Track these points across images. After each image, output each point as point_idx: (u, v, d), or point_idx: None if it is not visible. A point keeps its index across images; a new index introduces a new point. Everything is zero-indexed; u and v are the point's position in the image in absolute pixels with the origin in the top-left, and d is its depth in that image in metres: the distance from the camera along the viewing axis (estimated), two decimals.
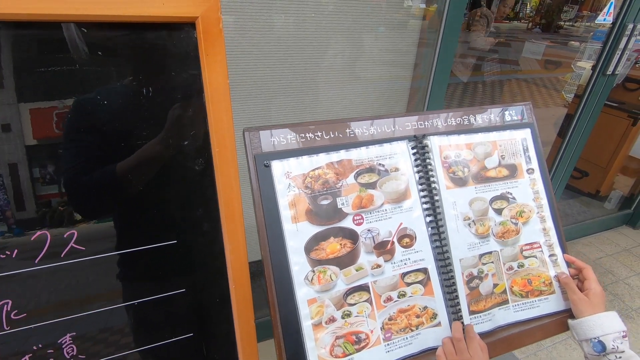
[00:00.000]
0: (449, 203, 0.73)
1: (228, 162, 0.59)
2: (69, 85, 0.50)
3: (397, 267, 0.69)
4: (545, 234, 0.79)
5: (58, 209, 0.54)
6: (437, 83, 1.61)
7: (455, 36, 1.50)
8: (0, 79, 0.47)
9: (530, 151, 0.82)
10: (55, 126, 0.51)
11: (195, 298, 0.65)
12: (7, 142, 0.49)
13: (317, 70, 1.50)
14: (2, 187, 0.51)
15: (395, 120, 0.74)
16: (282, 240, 0.64)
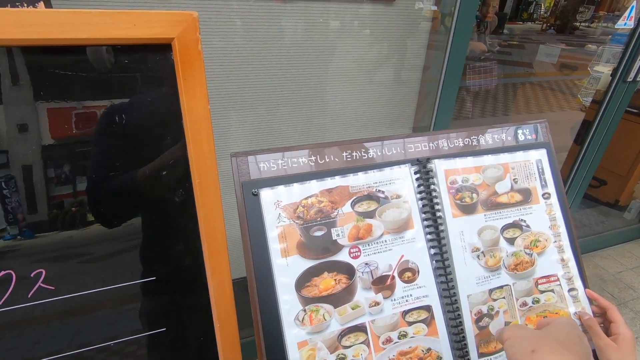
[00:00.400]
0: (455, 233, 0.67)
1: (210, 193, 0.54)
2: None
3: (398, 305, 0.63)
4: (563, 265, 0.72)
5: (71, 210, 0.51)
6: (448, 86, 1.55)
7: (466, 38, 1.43)
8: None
9: (547, 174, 0.75)
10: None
11: (177, 337, 0.60)
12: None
13: (323, 75, 1.45)
14: (15, 189, 0.48)
15: (396, 142, 0.68)
16: (270, 277, 0.59)
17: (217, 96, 1.33)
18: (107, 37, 0.44)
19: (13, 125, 0.45)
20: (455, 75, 1.55)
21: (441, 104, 1.59)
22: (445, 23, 1.50)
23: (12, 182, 0.48)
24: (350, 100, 1.55)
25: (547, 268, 0.71)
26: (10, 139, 0.45)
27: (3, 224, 0.49)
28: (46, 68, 0.45)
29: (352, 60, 1.46)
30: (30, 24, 0.41)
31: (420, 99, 1.69)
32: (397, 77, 1.60)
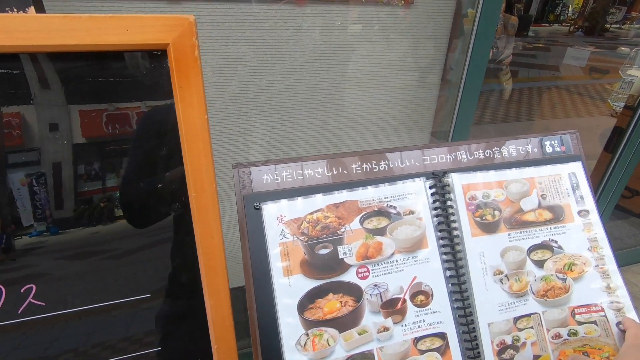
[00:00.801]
0: (475, 254, 0.61)
1: (207, 208, 0.50)
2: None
3: (409, 331, 0.58)
4: (609, 293, 0.64)
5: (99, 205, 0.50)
6: (468, 90, 1.48)
7: (489, 40, 1.37)
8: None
9: (583, 189, 0.68)
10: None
11: (173, 357, 0.57)
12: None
13: (339, 80, 1.42)
14: (44, 185, 0.47)
15: (410, 154, 0.63)
16: (271, 297, 0.55)
17: (230, 101, 1.31)
18: (99, 43, 0.41)
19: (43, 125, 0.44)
20: (477, 79, 1.48)
21: (461, 109, 1.52)
22: (466, 25, 1.44)
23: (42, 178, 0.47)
24: (367, 105, 1.50)
25: (586, 296, 0.63)
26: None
27: (31, 220, 0.48)
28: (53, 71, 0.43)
29: (369, 63, 1.42)
30: (17, 30, 0.38)
31: (440, 103, 1.63)
32: (416, 81, 1.54)
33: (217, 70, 1.25)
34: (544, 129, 4.23)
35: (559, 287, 0.63)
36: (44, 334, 0.51)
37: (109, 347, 0.55)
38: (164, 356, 0.57)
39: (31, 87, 0.43)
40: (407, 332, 0.58)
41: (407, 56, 1.46)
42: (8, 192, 0.46)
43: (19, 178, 0.46)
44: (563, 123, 4.24)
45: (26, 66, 0.42)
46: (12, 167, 0.45)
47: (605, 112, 4.19)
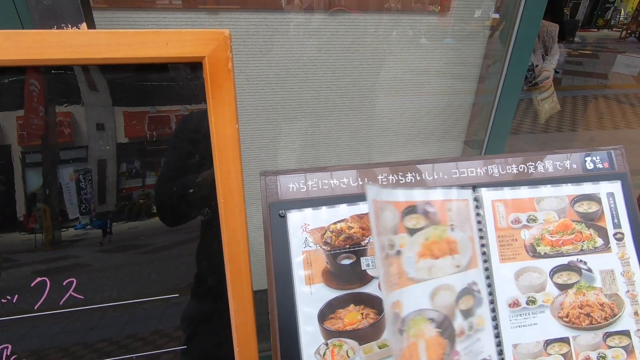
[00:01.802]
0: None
1: (235, 215, 0.52)
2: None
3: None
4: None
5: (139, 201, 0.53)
6: (505, 98, 1.43)
7: (529, 47, 1.32)
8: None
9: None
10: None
11: (197, 357, 0.59)
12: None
13: (370, 87, 1.42)
14: (89, 181, 0.51)
15: (440, 166, 0.62)
16: (293, 304, 0.55)
17: (262, 108, 1.34)
18: (141, 56, 0.44)
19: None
20: (515, 87, 1.42)
21: (497, 117, 1.47)
22: (505, 31, 1.39)
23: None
24: (398, 112, 1.49)
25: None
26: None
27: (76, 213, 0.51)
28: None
29: (401, 70, 1.41)
30: (70, 45, 0.42)
31: (475, 111, 1.58)
32: (450, 88, 1.51)
33: (250, 78, 1.29)
34: (588, 140, 3.98)
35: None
36: (82, 322, 0.55)
37: (139, 339, 0.58)
38: (189, 354, 0.59)
39: (81, 90, 0.47)
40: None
41: (442, 63, 1.44)
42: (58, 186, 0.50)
43: (68, 173, 0.50)
44: (610, 134, 3.98)
45: (78, 73, 0.46)
46: (62, 163, 0.49)
47: None
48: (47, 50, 0.41)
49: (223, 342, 0.58)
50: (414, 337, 0.46)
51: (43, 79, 0.44)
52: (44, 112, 0.46)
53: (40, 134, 0.47)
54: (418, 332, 0.47)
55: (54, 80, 0.45)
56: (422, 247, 0.50)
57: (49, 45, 0.41)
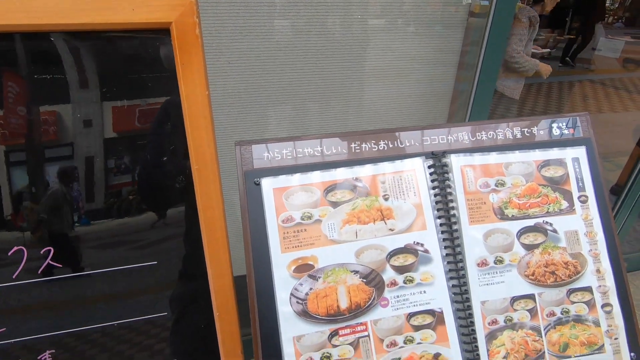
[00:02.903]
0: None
1: (209, 181, 0.53)
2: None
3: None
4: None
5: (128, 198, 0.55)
6: (483, 85, 1.45)
7: (504, 33, 1.33)
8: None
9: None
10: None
11: (178, 322, 0.61)
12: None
13: (352, 70, 1.42)
14: (77, 179, 0.52)
15: (409, 134, 0.64)
16: (269, 268, 0.57)
17: (245, 92, 1.34)
18: (107, 21, 0.45)
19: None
20: (492, 73, 1.45)
21: (476, 101, 1.49)
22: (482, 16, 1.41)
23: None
24: (380, 95, 1.50)
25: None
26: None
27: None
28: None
29: (383, 54, 1.42)
30: (33, 10, 0.42)
31: (455, 95, 1.60)
32: (431, 73, 1.52)
33: (232, 60, 1.28)
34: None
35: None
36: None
37: (120, 304, 0.59)
38: (169, 321, 0.60)
39: (49, 61, 0.47)
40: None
41: (422, 47, 1.45)
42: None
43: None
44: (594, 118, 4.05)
45: (43, 41, 0.46)
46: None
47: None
48: (10, 15, 0.42)
49: (204, 308, 0.60)
50: (333, 282, 0.57)
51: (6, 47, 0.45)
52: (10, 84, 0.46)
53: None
54: (338, 279, 0.57)
55: (19, 49, 0.46)
56: (348, 216, 0.59)
57: (12, 10, 0.41)
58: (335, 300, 0.57)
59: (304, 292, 0.57)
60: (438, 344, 0.58)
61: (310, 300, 0.57)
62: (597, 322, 0.63)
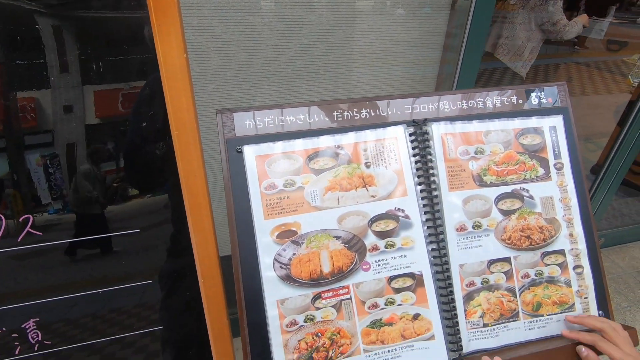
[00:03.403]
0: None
1: (189, 146, 0.53)
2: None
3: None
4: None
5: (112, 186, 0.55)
6: (466, 67, 1.46)
7: (488, 14, 1.33)
8: None
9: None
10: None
11: (164, 290, 0.62)
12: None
13: (334, 52, 1.41)
14: (58, 166, 0.51)
15: (392, 102, 0.65)
16: (252, 235, 0.58)
17: (229, 68, 1.32)
18: None
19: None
20: (475, 54, 1.45)
21: (459, 87, 1.50)
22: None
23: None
24: (367, 74, 1.49)
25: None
26: None
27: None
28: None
29: (369, 30, 1.40)
30: None
31: (440, 77, 1.60)
32: (418, 45, 1.52)
33: (215, 35, 1.26)
34: None
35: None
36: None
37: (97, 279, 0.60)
38: (156, 289, 0.61)
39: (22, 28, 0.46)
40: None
41: (409, 28, 1.44)
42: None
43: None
44: (576, 100, 4.11)
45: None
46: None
47: (625, 89, 4.03)
48: None
49: (188, 276, 0.61)
50: (316, 248, 0.58)
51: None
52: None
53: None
54: (321, 245, 0.58)
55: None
56: (331, 183, 0.60)
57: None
58: (318, 265, 0.59)
59: (287, 258, 0.58)
60: (418, 305, 0.60)
61: (294, 265, 0.58)
62: (568, 283, 0.65)
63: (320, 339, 0.58)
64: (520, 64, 2.36)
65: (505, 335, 0.63)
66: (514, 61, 2.37)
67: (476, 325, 0.62)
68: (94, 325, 0.60)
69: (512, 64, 2.40)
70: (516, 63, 2.37)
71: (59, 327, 0.59)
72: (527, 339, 0.63)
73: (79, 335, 0.60)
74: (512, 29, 2.33)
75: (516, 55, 2.35)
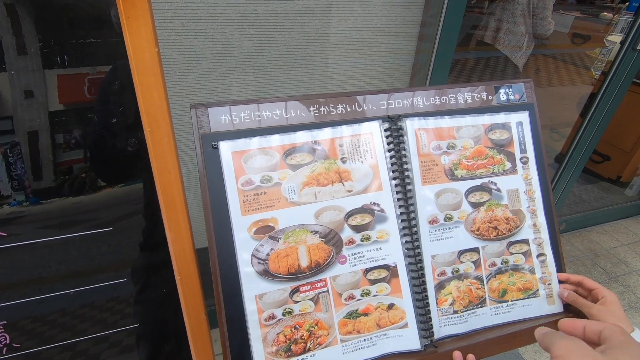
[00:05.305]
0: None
1: (162, 142, 0.52)
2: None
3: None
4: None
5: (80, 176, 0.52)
6: (440, 58, 1.48)
7: (462, 4, 1.36)
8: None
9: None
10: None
11: (137, 284, 0.61)
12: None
13: (311, 41, 1.40)
14: (20, 156, 0.49)
15: (368, 98, 0.65)
16: (229, 231, 0.58)
17: (202, 57, 1.28)
18: None
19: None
20: (449, 45, 1.48)
21: (433, 77, 1.53)
22: None
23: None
24: (343, 64, 1.49)
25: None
26: None
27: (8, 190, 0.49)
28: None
29: (344, 19, 1.40)
30: None
31: (415, 67, 1.63)
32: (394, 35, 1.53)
33: (187, 23, 1.22)
34: None
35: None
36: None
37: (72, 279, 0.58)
38: (130, 287, 0.60)
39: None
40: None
41: (384, 17, 1.44)
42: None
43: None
44: (543, 92, 4.29)
45: None
46: None
47: (588, 81, 4.24)
48: None
49: (165, 273, 0.60)
50: (294, 242, 0.59)
51: None
52: None
53: None
54: (298, 240, 0.59)
55: None
56: (308, 178, 0.60)
57: None
58: (296, 259, 0.59)
59: (265, 253, 0.58)
60: (392, 295, 0.63)
61: (272, 260, 0.59)
62: (532, 270, 0.70)
63: (299, 331, 0.59)
64: (519, 54, 2.44)
65: (473, 320, 0.66)
66: (514, 51, 2.45)
67: (447, 313, 0.65)
68: (64, 322, 0.59)
69: (511, 54, 2.48)
70: (516, 53, 2.46)
71: (27, 326, 0.57)
72: (494, 324, 0.67)
73: (49, 333, 0.58)
74: (513, 21, 2.40)
75: (516, 47, 2.43)
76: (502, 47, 2.52)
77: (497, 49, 2.57)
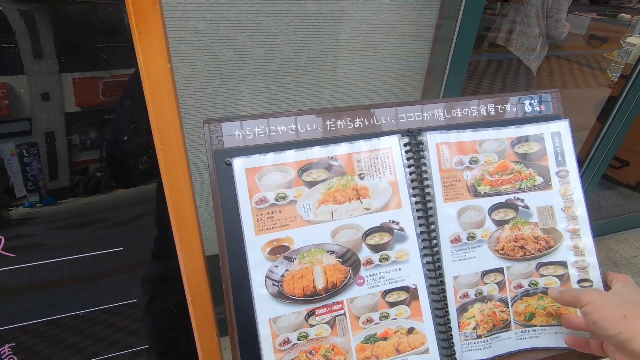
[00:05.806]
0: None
1: (175, 160, 0.50)
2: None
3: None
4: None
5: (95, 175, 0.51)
6: (457, 60, 1.45)
7: (479, 6, 1.32)
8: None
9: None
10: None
11: (150, 309, 0.59)
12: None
13: (326, 42, 1.37)
14: (37, 156, 0.48)
15: (385, 111, 0.63)
16: (242, 251, 0.55)
17: (214, 64, 1.27)
18: None
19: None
20: (466, 47, 1.44)
21: (449, 80, 1.49)
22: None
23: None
24: (355, 70, 1.47)
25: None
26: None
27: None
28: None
29: (358, 25, 1.37)
30: None
31: (429, 71, 1.59)
32: (406, 46, 1.50)
33: (199, 31, 1.20)
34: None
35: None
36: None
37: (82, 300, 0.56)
38: (141, 308, 0.58)
39: None
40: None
41: (398, 20, 1.42)
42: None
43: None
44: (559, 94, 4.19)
45: None
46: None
47: (604, 83, 4.13)
48: None
49: (176, 294, 0.58)
50: (309, 263, 0.57)
51: None
52: None
53: None
54: (314, 260, 0.57)
55: None
56: (324, 195, 0.58)
57: None
58: (312, 280, 0.57)
59: (280, 274, 0.56)
60: (412, 318, 0.60)
61: (286, 281, 0.56)
62: None
63: (314, 356, 0.56)
64: (533, 56, 2.39)
65: (497, 345, 0.63)
66: (527, 53, 2.40)
67: (470, 337, 0.62)
68: (75, 349, 0.57)
69: (524, 56, 2.42)
70: (529, 56, 2.40)
71: (37, 351, 0.56)
72: (519, 349, 0.64)
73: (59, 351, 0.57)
74: (527, 23, 2.35)
75: (529, 49, 2.37)
76: (515, 49, 2.47)
77: (510, 51, 2.52)
